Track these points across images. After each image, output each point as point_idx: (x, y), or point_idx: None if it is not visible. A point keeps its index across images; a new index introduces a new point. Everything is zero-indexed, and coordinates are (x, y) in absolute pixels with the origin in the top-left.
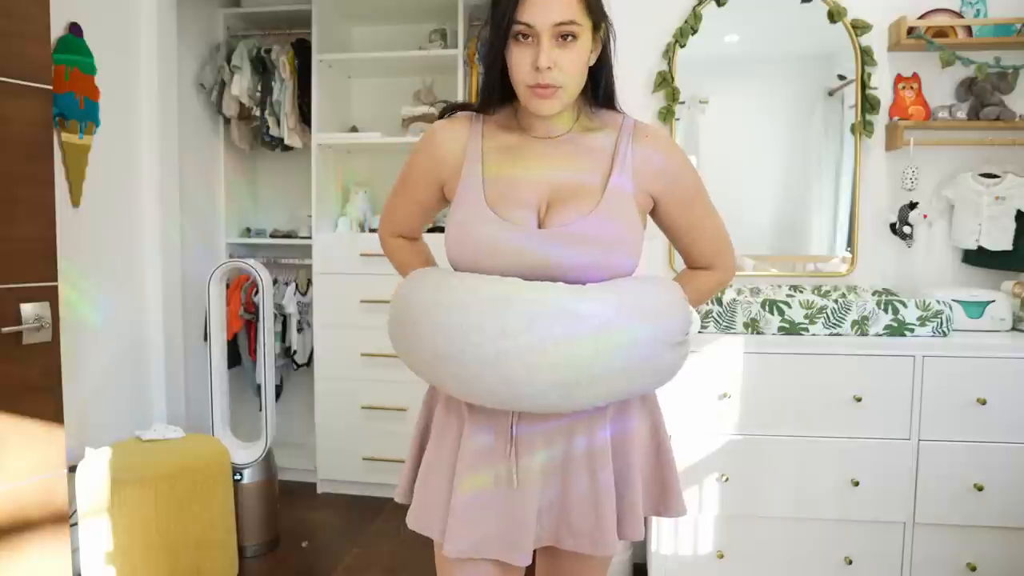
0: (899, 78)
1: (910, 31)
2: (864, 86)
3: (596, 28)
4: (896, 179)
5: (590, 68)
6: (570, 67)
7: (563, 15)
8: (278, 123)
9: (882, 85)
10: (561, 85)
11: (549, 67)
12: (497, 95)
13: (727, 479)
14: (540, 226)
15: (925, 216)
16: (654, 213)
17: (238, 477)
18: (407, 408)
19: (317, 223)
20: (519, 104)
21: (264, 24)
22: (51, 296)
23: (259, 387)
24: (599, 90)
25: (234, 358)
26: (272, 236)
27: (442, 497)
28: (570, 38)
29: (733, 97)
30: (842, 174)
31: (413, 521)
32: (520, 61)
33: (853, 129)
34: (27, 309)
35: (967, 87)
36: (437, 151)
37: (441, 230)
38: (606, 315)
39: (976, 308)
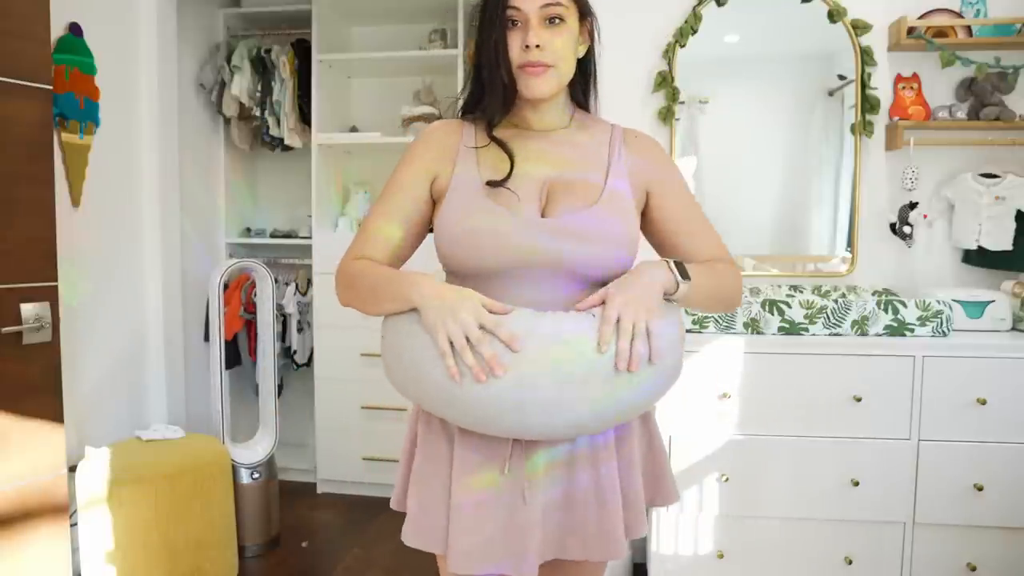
0: (899, 78)
1: (910, 31)
2: (864, 86)
3: (582, 17)
4: (896, 179)
5: (578, 62)
6: (560, 48)
7: None
8: (278, 123)
9: (882, 85)
10: (552, 64)
11: (538, 45)
12: (500, 96)
13: (727, 479)
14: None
15: (925, 216)
16: (648, 212)
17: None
18: (407, 408)
19: (317, 223)
20: (513, 106)
21: (264, 24)
22: (51, 296)
23: (259, 387)
24: (588, 87)
25: (234, 358)
26: (272, 236)
27: (440, 510)
28: (557, 20)
29: (733, 97)
30: (842, 174)
31: (411, 537)
32: (512, 44)
33: (853, 129)
34: (27, 309)
35: (967, 87)
36: (441, 141)
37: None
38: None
39: (976, 308)
